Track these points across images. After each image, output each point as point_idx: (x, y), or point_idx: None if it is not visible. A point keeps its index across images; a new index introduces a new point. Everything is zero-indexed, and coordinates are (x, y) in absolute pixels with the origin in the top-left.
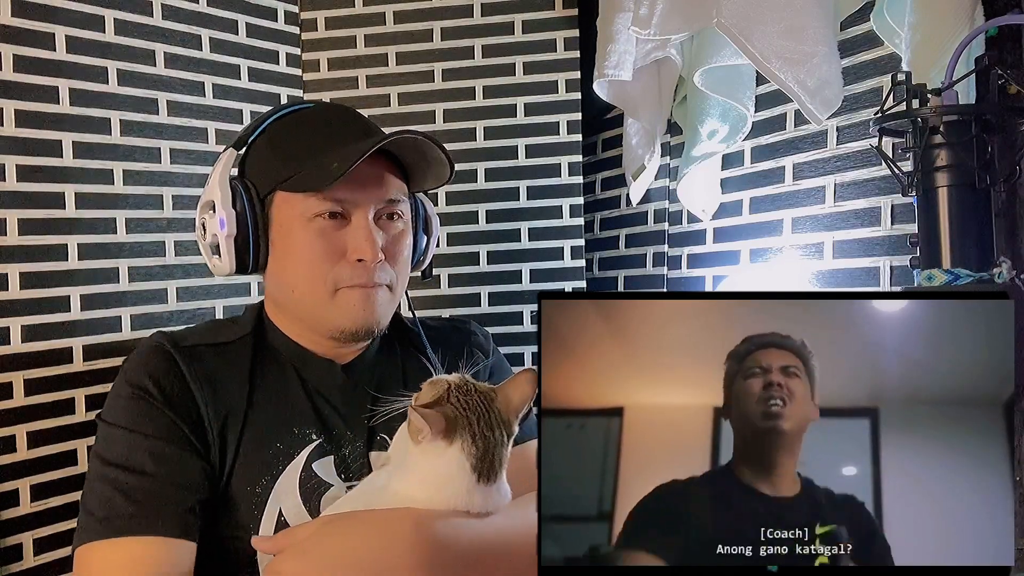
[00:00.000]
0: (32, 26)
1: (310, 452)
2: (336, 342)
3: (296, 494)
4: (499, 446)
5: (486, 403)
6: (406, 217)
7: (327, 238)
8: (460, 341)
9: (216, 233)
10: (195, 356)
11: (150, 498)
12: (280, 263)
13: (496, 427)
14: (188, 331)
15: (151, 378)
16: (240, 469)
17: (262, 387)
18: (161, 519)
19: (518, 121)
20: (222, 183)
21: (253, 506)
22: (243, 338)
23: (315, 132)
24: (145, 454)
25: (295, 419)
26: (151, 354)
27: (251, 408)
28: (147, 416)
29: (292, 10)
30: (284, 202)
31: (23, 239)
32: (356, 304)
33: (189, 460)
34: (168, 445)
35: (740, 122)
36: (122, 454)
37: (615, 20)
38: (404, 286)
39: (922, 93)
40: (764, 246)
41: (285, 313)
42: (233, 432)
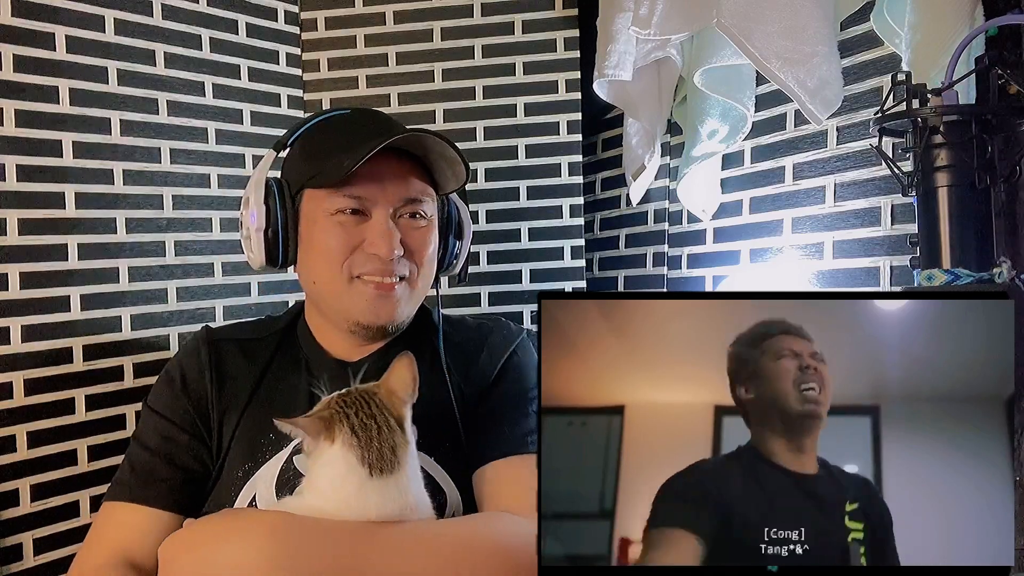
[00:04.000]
0: (32, 26)
1: (295, 446)
2: (355, 337)
3: (272, 485)
4: (384, 432)
5: (364, 397)
6: (430, 217)
7: (346, 230)
8: (477, 340)
9: (249, 227)
10: (219, 350)
11: (145, 471)
12: (305, 257)
13: (377, 415)
14: (231, 326)
15: (180, 366)
16: (232, 453)
17: (270, 383)
18: (149, 491)
19: (518, 121)
20: (258, 181)
21: (231, 488)
22: (272, 335)
23: (339, 132)
24: (154, 431)
25: (292, 413)
26: (191, 344)
27: (252, 403)
28: (166, 398)
29: (292, 10)
30: (311, 199)
31: (23, 239)
32: (371, 299)
33: (188, 442)
34: (174, 427)
35: (740, 122)
36: (141, 429)
37: (615, 20)
38: (427, 284)
39: (922, 93)
40: (764, 246)
41: (314, 308)
42: (230, 423)
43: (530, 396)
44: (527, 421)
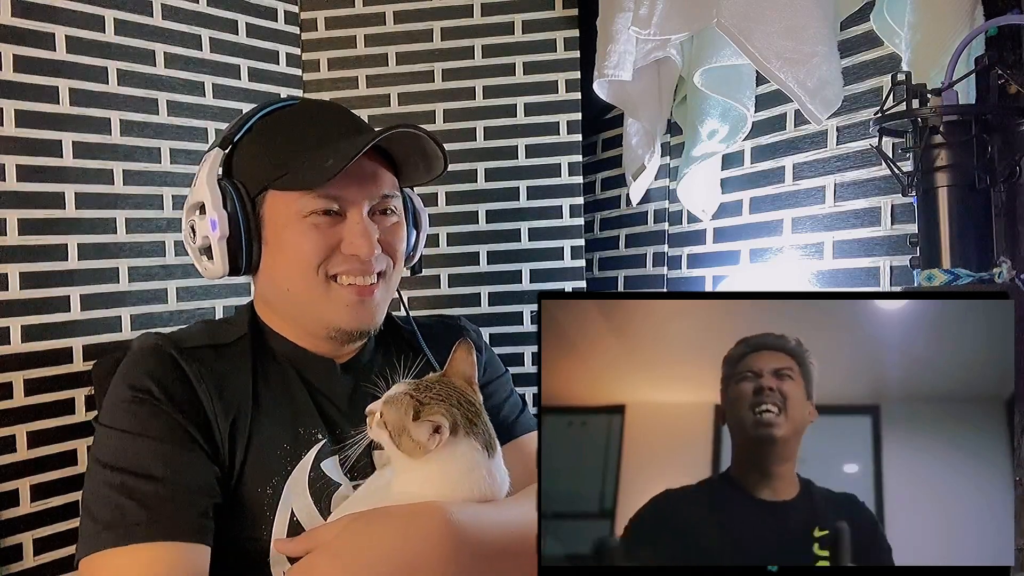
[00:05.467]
0: (32, 26)
1: (317, 452)
2: (333, 342)
3: (307, 495)
4: (481, 415)
5: (449, 388)
6: (399, 211)
7: (321, 232)
8: (453, 338)
9: (207, 235)
10: (197, 358)
11: (163, 503)
12: (273, 263)
13: (471, 402)
14: (184, 332)
15: (153, 380)
16: (250, 471)
17: (265, 388)
18: (176, 524)
19: (518, 121)
20: (210, 184)
21: (265, 507)
22: (241, 339)
23: (305, 130)
24: (154, 458)
25: (300, 419)
26: (150, 356)
27: (258, 409)
28: (153, 419)
29: (292, 10)
30: (276, 201)
31: (23, 239)
32: (352, 304)
33: (199, 463)
34: (176, 448)
35: (740, 122)
36: (129, 459)
37: (615, 20)
38: (398, 280)
39: (922, 93)
40: (764, 246)
41: (278, 314)
42: (242, 434)
43: (506, 381)
44: (517, 403)
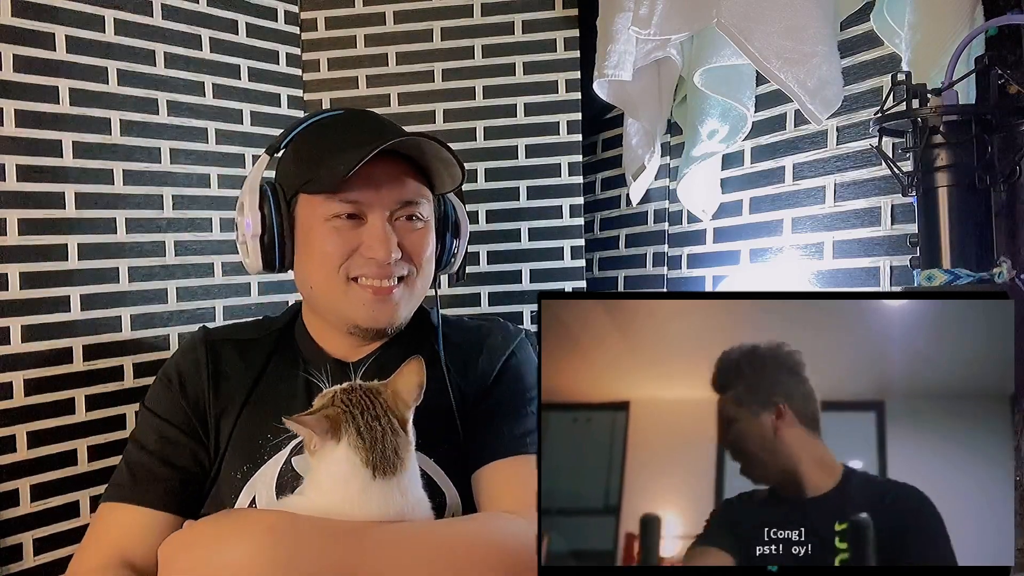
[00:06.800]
0: (32, 26)
1: (293, 447)
2: (354, 338)
3: (272, 485)
4: (388, 435)
5: (370, 397)
6: (427, 218)
7: (342, 235)
8: (475, 341)
9: (244, 233)
10: (215, 350)
11: (143, 472)
12: (302, 261)
13: (382, 416)
14: (229, 326)
15: (177, 367)
16: (229, 455)
17: (267, 383)
18: (147, 492)
19: (518, 121)
20: (251, 186)
21: (231, 489)
22: (269, 335)
23: (333, 136)
24: (152, 432)
25: (289, 414)
26: (187, 347)
27: (249, 403)
28: (163, 400)
29: (292, 10)
30: (306, 204)
31: (23, 239)
32: (369, 302)
33: (185, 442)
34: (171, 427)
35: (740, 122)
36: (138, 431)
37: (615, 20)
38: (426, 284)
39: (922, 93)
40: (764, 246)
41: (311, 311)
42: (227, 424)
43: (529, 396)
44: (526, 421)
